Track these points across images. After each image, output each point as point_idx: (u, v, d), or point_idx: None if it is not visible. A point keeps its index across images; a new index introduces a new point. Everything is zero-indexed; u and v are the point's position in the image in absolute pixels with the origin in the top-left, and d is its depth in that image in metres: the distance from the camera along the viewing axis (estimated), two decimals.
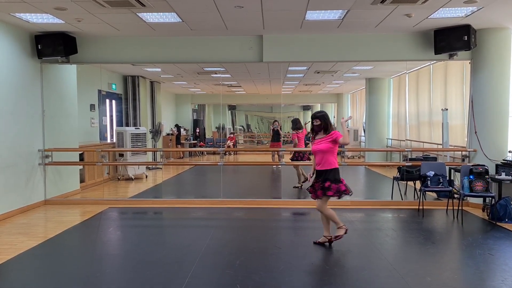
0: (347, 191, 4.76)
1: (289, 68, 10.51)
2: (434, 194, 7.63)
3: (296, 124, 9.01)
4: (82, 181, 8.76)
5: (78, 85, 8.46)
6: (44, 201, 7.42)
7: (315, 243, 4.94)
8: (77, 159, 8.50)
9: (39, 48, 6.95)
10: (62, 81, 7.91)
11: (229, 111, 24.26)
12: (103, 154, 8.00)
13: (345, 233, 4.83)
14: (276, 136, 12.68)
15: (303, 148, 8.75)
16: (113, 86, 11.20)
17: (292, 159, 8.90)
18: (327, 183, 4.72)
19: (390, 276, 3.97)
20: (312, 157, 4.79)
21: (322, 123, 4.81)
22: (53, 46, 6.88)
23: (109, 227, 5.99)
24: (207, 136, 18.87)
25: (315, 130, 4.88)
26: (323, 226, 4.98)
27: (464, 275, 4.07)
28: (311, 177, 4.97)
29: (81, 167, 8.72)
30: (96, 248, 4.97)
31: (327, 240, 4.89)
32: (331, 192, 4.71)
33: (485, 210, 6.45)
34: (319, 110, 4.86)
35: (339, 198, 4.90)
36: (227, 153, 16.87)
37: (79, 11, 5.74)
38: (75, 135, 8.36)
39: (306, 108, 21.79)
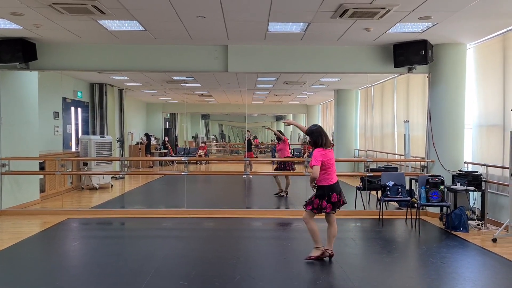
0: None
1: (258, 79, 10.58)
2: (397, 204, 7.80)
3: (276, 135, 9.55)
4: (42, 191, 8.50)
5: (41, 92, 8.25)
6: (0, 211, 7.15)
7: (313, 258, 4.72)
8: (37, 168, 8.24)
9: None
10: (21, 87, 7.69)
11: (202, 121, 24.14)
12: (63, 163, 7.80)
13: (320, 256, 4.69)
14: (248, 146, 12.74)
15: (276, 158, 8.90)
16: (79, 94, 10.98)
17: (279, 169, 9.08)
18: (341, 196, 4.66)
19: (344, 285, 4.02)
20: (313, 169, 4.49)
21: (311, 140, 4.69)
22: (12, 52, 6.70)
23: (67, 238, 5.83)
24: (179, 145, 18.66)
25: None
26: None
27: (415, 284, 4.15)
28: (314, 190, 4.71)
29: (41, 176, 8.46)
30: (50, 259, 4.82)
31: (328, 254, 4.74)
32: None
33: (442, 220, 6.64)
34: (314, 124, 5.00)
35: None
36: (198, 162, 16.75)
37: (36, 17, 5.63)
38: (36, 144, 8.11)
39: (278, 118, 22.00)
